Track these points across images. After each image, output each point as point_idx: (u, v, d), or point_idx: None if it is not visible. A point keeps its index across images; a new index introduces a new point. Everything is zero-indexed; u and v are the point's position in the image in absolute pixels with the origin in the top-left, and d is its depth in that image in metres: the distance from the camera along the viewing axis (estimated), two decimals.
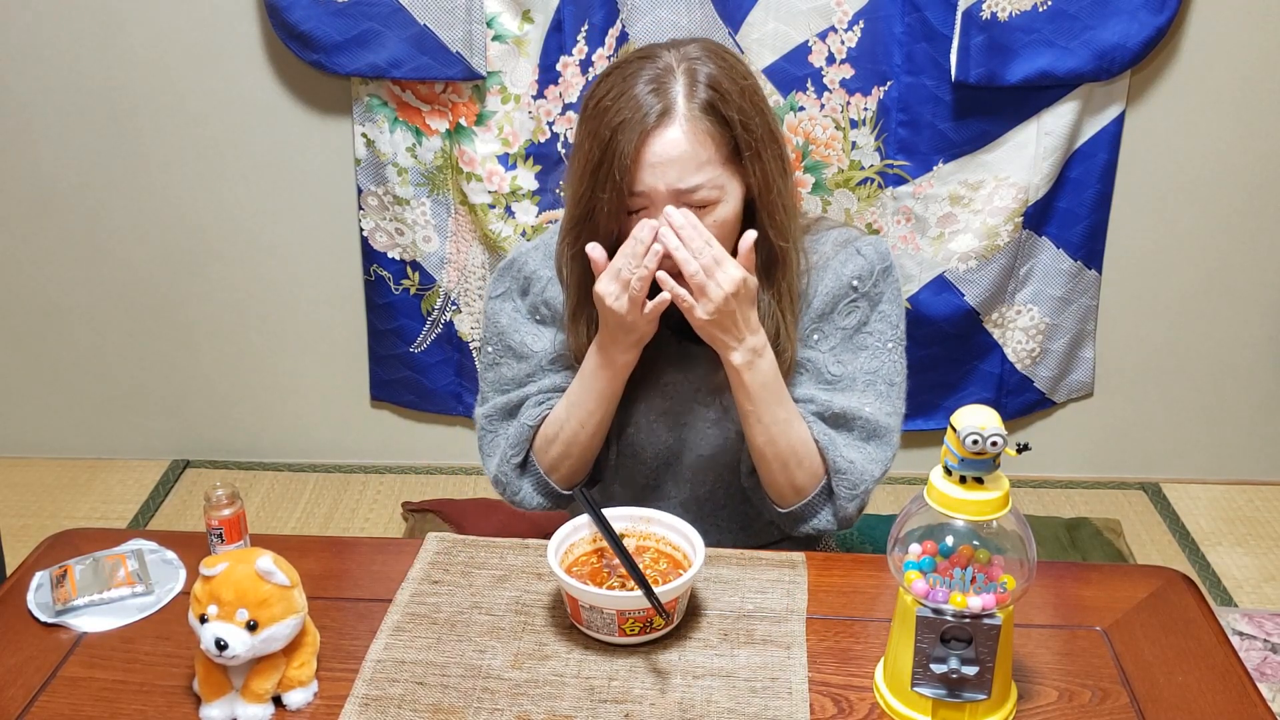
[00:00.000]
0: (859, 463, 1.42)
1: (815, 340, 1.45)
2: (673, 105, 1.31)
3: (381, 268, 2.74)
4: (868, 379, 1.44)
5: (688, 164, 1.31)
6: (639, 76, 1.32)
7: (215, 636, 1.11)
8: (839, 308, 1.44)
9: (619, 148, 1.30)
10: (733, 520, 1.56)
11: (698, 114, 1.31)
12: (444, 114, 2.56)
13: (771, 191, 1.36)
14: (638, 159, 1.30)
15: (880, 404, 1.43)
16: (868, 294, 1.44)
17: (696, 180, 1.32)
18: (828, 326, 1.45)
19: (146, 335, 2.87)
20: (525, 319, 1.51)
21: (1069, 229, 2.64)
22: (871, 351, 1.45)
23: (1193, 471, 2.91)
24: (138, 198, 2.73)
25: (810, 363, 1.45)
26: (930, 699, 1.14)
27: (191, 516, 2.76)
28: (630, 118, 1.30)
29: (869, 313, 1.45)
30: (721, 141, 1.33)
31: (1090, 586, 1.38)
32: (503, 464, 1.50)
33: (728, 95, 1.32)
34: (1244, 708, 1.18)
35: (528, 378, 1.50)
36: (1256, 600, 2.50)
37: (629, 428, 1.51)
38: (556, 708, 1.17)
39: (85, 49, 2.59)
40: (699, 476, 1.53)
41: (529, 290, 1.51)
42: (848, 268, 1.44)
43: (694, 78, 1.32)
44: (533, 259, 1.51)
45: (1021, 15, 2.38)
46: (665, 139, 1.30)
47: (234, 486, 1.39)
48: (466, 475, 2.93)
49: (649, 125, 1.30)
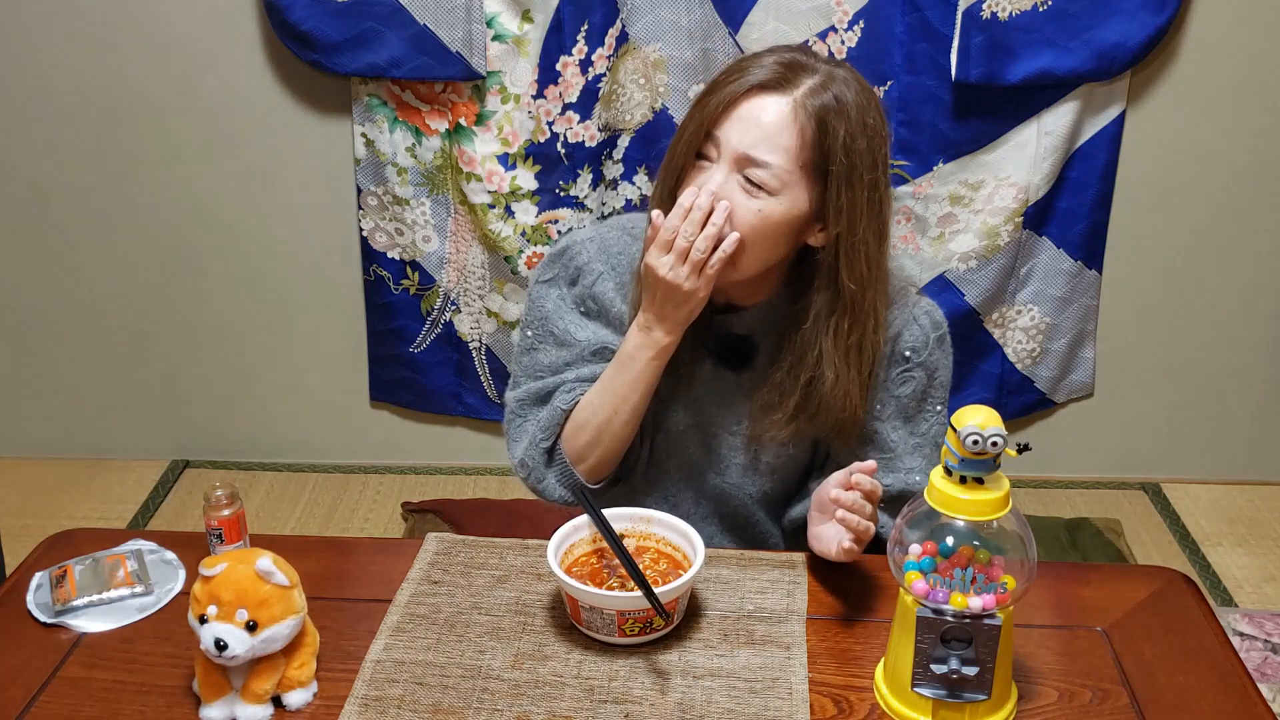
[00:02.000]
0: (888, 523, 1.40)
1: (877, 410, 1.43)
2: (794, 85, 1.30)
3: (381, 268, 2.74)
4: (918, 443, 1.45)
5: (773, 139, 1.29)
6: (779, 52, 1.33)
7: (215, 637, 1.11)
8: (892, 376, 1.42)
9: (727, 87, 1.31)
10: (744, 540, 1.57)
11: (811, 108, 1.29)
12: (444, 114, 2.56)
13: (856, 232, 1.32)
14: (734, 105, 1.30)
15: (925, 465, 1.44)
16: (923, 364, 1.43)
17: (769, 158, 1.29)
18: (883, 394, 1.43)
19: (147, 335, 2.87)
20: (571, 308, 1.48)
21: (1069, 229, 2.64)
22: (924, 417, 1.45)
23: (1193, 471, 2.91)
24: (138, 197, 2.73)
25: (876, 435, 1.44)
26: (930, 699, 1.14)
27: (191, 516, 2.76)
28: (748, 74, 1.31)
29: (925, 382, 1.43)
30: (814, 148, 1.30)
31: (1090, 586, 1.39)
32: (530, 448, 1.46)
33: (849, 116, 1.30)
34: (1244, 708, 1.18)
35: (566, 365, 1.47)
36: (1256, 600, 2.49)
37: (659, 433, 1.50)
38: (556, 708, 1.17)
39: (85, 49, 2.59)
40: (722, 498, 1.53)
41: (578, 281, 1.47)
42: (904, 337, 1.42)
43: (827, 86, 1.31)
44: (586, 250, 1.47)
45: (1022, 15, 2.38)
46: (766, 103, 1.30)
47: (234, 486, 1.39)
48: (466, 475, 2.93)
49: (761, 82, 1.30)
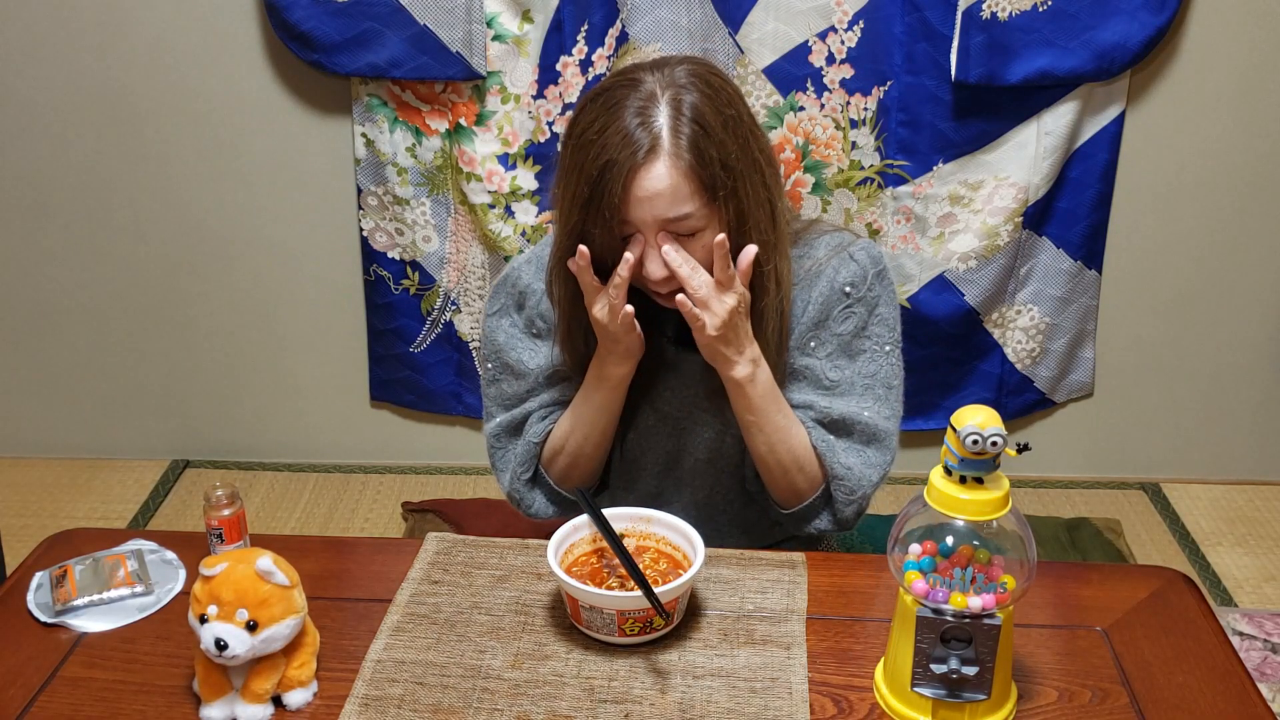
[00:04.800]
0: (856, 468, 1.42)
1: (812, 347, 1.45)
2: (658, 141, 1.30)
3: (381, 268, 2.74)
4: (866, 383, 1.45)
5: (675, 196, 1.30)
6: (624, 107, 1.31)
7: (215, 637, 1.11)
8: (834, 314, 1.44)
9: (608, 185, 1.30)
10: (734, 524, 1.56)
11: (682, 149, 1.30)
12: (444, 114, 2.56)
13: (747, 223, 1.35)
14: (626, 195, 1.30)
15: (879, 407, 1.44)
16: (863, 299, 1.44)
17: (684, 210, 1.31)
18: (824, 333, 1.45)
19: (146, 335, 2.87)
20: (522, 334, 1.52)
21: (1069, 229, 2.64)
22: (869, 355, 1.45)
23: (1193, 471, 2.91)
24: (138, 198, 2.73)
25: (808, 370, 1.45)
26: (930, 699, 1.14)
27: (191, 516, 2.76)
28: (616, 157, 1.29)
29: (865, 317, 1.45)
30: (706, 176, 1.31)
31: (1090, 586, 1.38)
32: (514, 481, 1.53)
33: (710, 130, 1.31)
34: (1244, 708, 1.18)
35: (528, 394, 1.52)
36: (1256, 600, 2.49)
37: (630, 434, 1.53)
38: (556, 708, 1.17)
39: (85, 49, 2.59)
40: (699, 481, 1.53)
41: (524, 304, 1.52)
42: (841, 274, 1.44)
43: (679, 109, 1.30)
44: (526, 273, 1.52)
45: (1021, 15, 2.38)
46: (652, 174, 1.30)
47: (234, 486, 1.39)
48: (466, 475, 2.93)
49: (636, 162, 1.29)
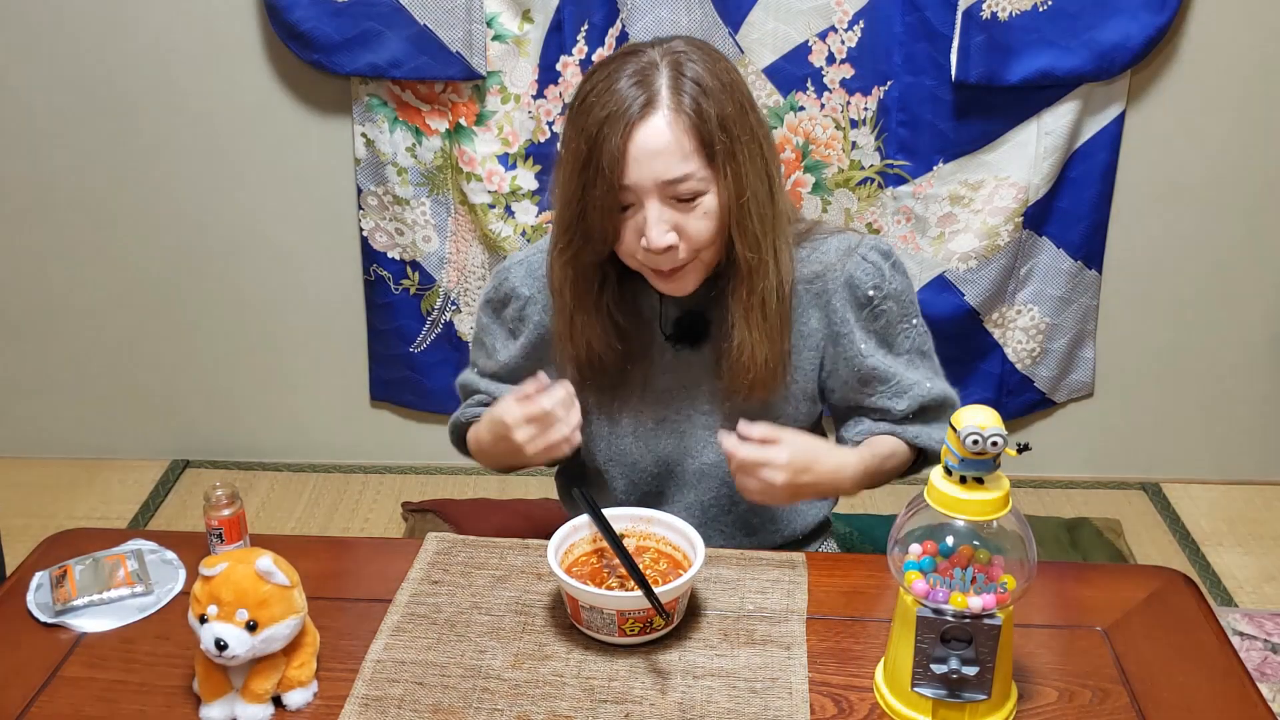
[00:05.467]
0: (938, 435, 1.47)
1: (863, 350, 1.46)
2: (656, 96, 1.30)
3: (381, 268, 2.74)
4: (909, 359, 1.48)
5: (674, 154, 1.30)
6: (623, 71, 1.32)
7: (215, 637, 1.11)
8: (862, 316, 1.45)
9: (606, 140, 1.29)
10: (737, 526, 1.56)
11: (683, 106, 1.30)
12: (444, 114, 2.56)
13: (744, 195, 1.33)
14: (624, 151, 1.29)
15: (928, 372, 1.49)
16: (888, 294, 1.45)
17: (684, 170, 1.30)
18: (858, 333, 1.46)
19: (146, 335, 2.87)
20: (499, 328, 1.55)
21: (1069, 229, 2.63)
22: (903, 335, 1.48)
23: (1193, 471, 2.91)
24: (138, 198, 2.73)
25: (875, 371, 1.47)
26: (930, 699, 1.14)
27: (191, 516, 2.76)
28: (615, 110, 1.29)
29: (895, 310, 1.46)
30: (704, 132, 1.31)
31: (1090, 586, 1.39)
32: (453, 427, 1.60)
33: (710, 90, 1.31)
34: (1244, 708, 1.18)
35: (491, 374, 1.57)
36: (1256, 600, 2.49)
37: (624, 438, 1.51)
38: (556, 708, 1.17)
39: (85, 49, 2.59)
40: (703, 483, 1.53)
41: (508, 304, 1.53)
42: (858, 277, 1.44)
43: (679, 70, 1.31)
44: (515, 274, 1.52)
45: (1021, 15, 2.38)
46: (650, 129, 1.29)
47: (234, 486, 1.39)
48: (466, 475, 2.93)
49: (634, 116, 1.29)
